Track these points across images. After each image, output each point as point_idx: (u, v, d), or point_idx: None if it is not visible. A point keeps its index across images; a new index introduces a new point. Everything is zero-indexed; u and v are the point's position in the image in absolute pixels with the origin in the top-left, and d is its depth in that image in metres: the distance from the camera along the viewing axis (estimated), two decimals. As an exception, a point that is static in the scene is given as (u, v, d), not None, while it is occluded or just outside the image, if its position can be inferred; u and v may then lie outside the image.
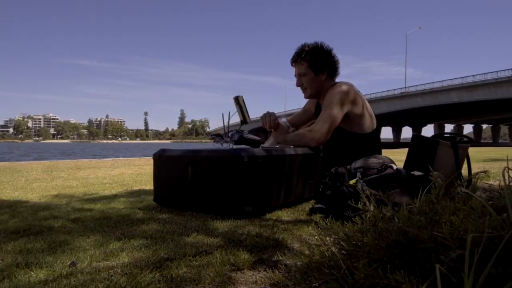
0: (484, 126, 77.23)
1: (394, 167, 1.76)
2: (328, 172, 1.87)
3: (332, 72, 2.25)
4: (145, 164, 7.05)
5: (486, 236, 0.61)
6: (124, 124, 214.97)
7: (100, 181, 4.11)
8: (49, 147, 56.78)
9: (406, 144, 9.62)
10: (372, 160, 1.83)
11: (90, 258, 1.25)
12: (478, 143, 48.73)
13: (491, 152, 12.62)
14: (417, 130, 58.91)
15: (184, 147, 2.49)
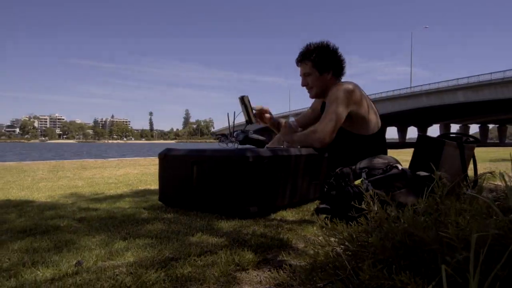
0: (491, 126, 76.55)
1: (400, 167, 1.75)
2: (333, 172, 1.86)
3: (338, 72, 2.23)
4: (150, 164, 7.06)
5: (492, 236, 0.61)
6: (129, 124, 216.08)
7: (105, 181, 4.12)
8: (58, 147, 56.99)
9: (412, 144, 9.56)
10: (377, 160, 1.82)
11: (96, 257, 1.26)
12: (485, 143, 48.33)
13: (497, 152, 12.50)
14: (422, 130, 58.57)
15: (190, 147, 2.49)
